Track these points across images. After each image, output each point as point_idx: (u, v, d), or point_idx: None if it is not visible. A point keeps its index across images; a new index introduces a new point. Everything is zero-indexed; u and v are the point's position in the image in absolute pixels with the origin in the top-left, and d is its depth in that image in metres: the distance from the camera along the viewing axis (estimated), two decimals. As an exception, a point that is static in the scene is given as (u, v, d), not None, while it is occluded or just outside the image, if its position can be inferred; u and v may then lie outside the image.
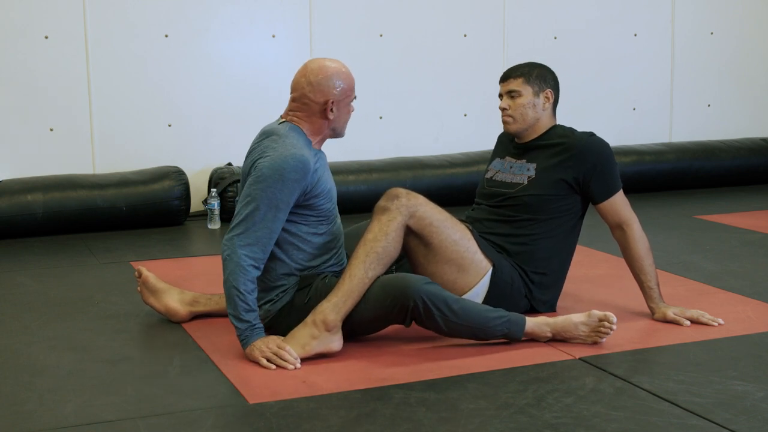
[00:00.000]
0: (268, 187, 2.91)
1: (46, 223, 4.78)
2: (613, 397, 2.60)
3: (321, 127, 3.09)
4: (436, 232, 3.09)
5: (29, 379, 2.78)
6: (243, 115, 5.39)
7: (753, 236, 4.68)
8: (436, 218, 3.09)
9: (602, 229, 4.92)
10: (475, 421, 2.44)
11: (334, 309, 2.91)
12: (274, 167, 2.92)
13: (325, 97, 3.04)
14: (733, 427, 2.39)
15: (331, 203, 3.09)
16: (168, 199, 4.95)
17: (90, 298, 3.66)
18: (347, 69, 3.12)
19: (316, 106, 3.06)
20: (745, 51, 6.61)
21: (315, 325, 2.91)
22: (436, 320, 2.93)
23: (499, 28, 5.94)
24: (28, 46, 5.01)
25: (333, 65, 3.09)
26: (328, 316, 2.90)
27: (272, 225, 2.91)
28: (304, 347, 2.90)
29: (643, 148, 6.12)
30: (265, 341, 2.89)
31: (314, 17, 5.51)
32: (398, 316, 2.96)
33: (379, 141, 5.69)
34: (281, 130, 3.05)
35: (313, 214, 3.03)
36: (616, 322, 3.00)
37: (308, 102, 3.06)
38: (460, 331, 2.98)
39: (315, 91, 3.05)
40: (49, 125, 5.10)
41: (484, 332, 3.00)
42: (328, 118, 3.07)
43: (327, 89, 3.05)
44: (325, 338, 2.92)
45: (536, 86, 3.38)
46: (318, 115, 3.07)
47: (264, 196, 2.91)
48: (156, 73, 5.25)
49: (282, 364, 2.85)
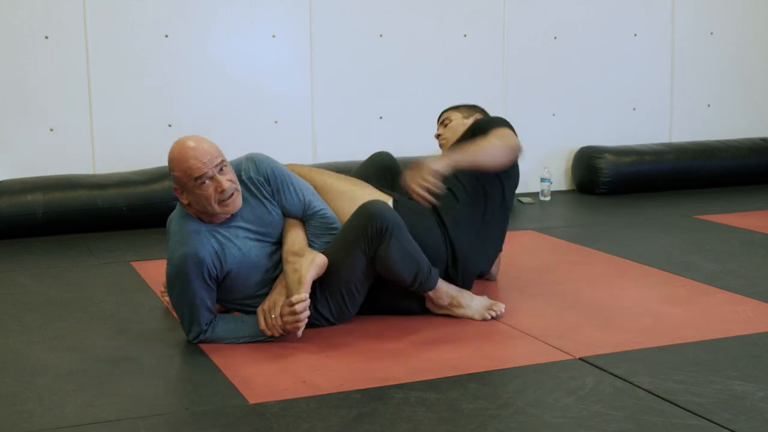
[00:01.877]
0: (177, 293, 3.01)
1: (46, 223, 4.78)
2: (613, 397, 2.60)
3: (197, 209, 3.03)
4: (317, 174, 3.41)
5: (29, 379, 2.78)
6: (243, 115, 5.39)
7: (753, 236, 4.68)
8: (315, 170, 3.44)
9: (602, 229, 4.94)
10: (475, 421, 2.44)
11: (292, 244, 3.12)
12: (172, 273, 3.01)
13: (173, 182, 3.05)
14: (733, 427, 2.39)
15: (255, 267, 3.10)
16: (168, 199, 4.94)
17: (90, 298, 3.66)
18: (182, 154, 2.97)
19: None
20: (745, 51, 6.61)
21: (288, 263, 3.06)
22: (394, 243, 3.06)
23: (499, 28, 5.94)
24: (28, 46, 5.01)
25: (170, 152, 3.01)
26: (291, 247, 3.09)
27: (200, 317, 3.03)
28: (301, 282, 3.00)
29: (643, 148, 6.12)
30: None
31: (314, 17, 5.51)
32: (371, 241, 3.06)
33: (379, 141, 5.68)
34: (173, 219, 3.10)
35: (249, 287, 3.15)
36: (503, 310, 3.32)
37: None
38: (405, 261, 3.11)
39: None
40: (49, 125, 5.10)
41: (420, 269, 3.15)
42: (183, 202, 3.05)
43: (172, 174, 3.04)
44: (306, 261, 3.04)
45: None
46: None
47: (180, 303, 3.02)
48: (156, 73, 5.25)
49: (295, 318, 2.96)
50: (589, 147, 6.05)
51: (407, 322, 3.29)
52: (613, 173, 5.91)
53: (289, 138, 5.50)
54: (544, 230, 4.87)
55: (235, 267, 3.05)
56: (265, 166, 3.15)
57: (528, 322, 3.29)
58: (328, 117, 5.61)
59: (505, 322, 3.30)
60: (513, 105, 6.00)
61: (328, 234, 3.21)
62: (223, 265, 3.03)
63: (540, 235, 4.77)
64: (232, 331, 3.05)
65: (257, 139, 5.26)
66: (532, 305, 3.49)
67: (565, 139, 6.16)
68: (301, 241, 3.13)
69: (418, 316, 3.35)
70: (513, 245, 4.31)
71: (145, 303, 3.57)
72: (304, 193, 3.21)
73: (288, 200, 3.17)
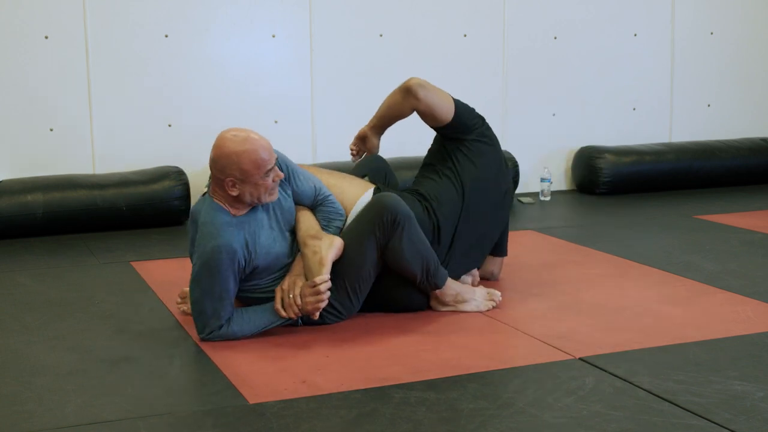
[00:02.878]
0: (204, 286, 3.01)
1: (46, 223, 4.78)
2: (613, 397, 2.60)
3: (234, 201, 3.07)
4: (307, 169, 3.46)
5: (29, 379, 2.78)
6: (243, 115, 5.39)
7: (753, 236, 4.68)
8: (305, 166, 3.49)
9: (602, 229, 4.94)
10: (475, 421, 2.44)
11: (308, 229, 3.19)
12: (203, 265, 3.01)
13: (224, 175, 3.02)
14: (733, 427, 2.39)
15: (276, 258, 3.13)
16: (168, 199, 4.95)
17: (90, 298, 3.66)
18: (252, 146, 3.01)
19: (219, 181, 3.05)
20: (745, 51, 6.61)
21: (307, 246, 3.12)
22: (404, 236, 3.14)
23: (499, 27, 5.94)
24: (28, 46, 5.01)
25: (231, 144, 3.02)
26: (308, 231, 3.16)
27: (222, 311, 3.04)
28: (322, 263, 3.05)
29: (643, 148, 6.12)
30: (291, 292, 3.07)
31: (314, 17, 5.52)
32: (383, 232, 3.12)
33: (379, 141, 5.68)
34: (203, 211, 3.09)
35: (267, 277, 3.17)
36: (500, 297, 3.42)
37: (214, 175, 3.07)
38: (414, 255, 3.18)
39: (215, 167, 3.05)
40: (49, 125, 5.10)
41: (428, 263, 3.23)
42: (231, 194, 3.05)
43: (225, 168, 3.02)
44: (325, 243, 3.10)
45: None
46: (223, 190, 3.06)
47: (205, 295, 3.02)
48: (156, 73, 5.25)
49: (317, 299, 3.03)
50: (589, 147, 6.05)
51: (407, 322, 3.29)
52: (613, 173, 5.91)
53: (289, 138, 5.50)
54: (544, 230, 4.87)
55: (263, 257, 3.09)
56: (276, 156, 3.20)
57: (528, 322, 3.29)
58: (328, 117, 5.61)
59: (505, 322, 3.30)
60: (513, 105, 6.01)
61: (338, 219, 3.29)
62: (253, 257, 3.06)
63: (540, 235, 4.77)
64: (249, 322, 3.07)
65: (257, 139, 5.26)
66: (532, 305, 3.49)
67: (565, 139, 6.16)
68: (316, 226, 3.21)
69: (418, 315, 3.36)
70: (513, 245, 4.30)
71: (145, 303, 3.57)
72: (312, 180, 3.29)
73: (300, 186, 3.25)
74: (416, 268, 3.23)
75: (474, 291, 3.43)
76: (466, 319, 3.33)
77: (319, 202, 3.30)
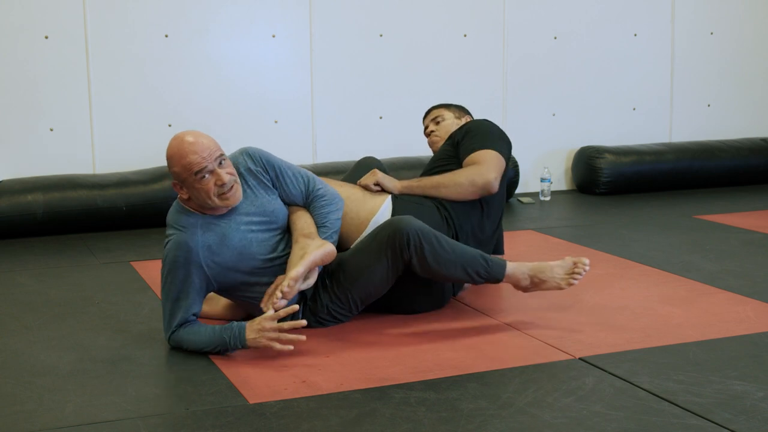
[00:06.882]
0: (165, 287, 3.01)
1: (46, 223, 4.78)
2: (613, 397, 2.60)
3: (197, 203, 3.03)
4: None
5: (29, 379, 2.78)
6: (243, 115, 5.39)
7: (753, 236, 4.68)
8: None
9: (602, 229, 4.94)
10: (475, 421, 2.44)
11: (302, 228, 3.15)
12: (163, 266, 3.01)
13: (172, 178, 3.04)
14: (733, 427, 2.39)
15: (252, 258, 3.08)
16: (168, 199, 4.94)
17: (90, 298, 3.66)
18: (181, 149, 2.94)
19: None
20: (745, 51, 6.61)
21: (298, 243, 3.09)
22: (426, 255, 3.06)
23: (500, 28, 5.94)
24: (28, 46, 5.01)
25: (168, 148, 2.99)
26: (302, 231, 3.12)
27: (178, 313, 2.99)
28: (303, 258, 3.02)
29: (643, 148, 6.13)
30: (252, 326, 2.92)
31: (314, 17, 5.52)
32: (394, 255, 3.08)
33: (379, 141, 5.69)
34: (169, 216, 3.09)
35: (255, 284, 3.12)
36: (589, 263, 3.22)
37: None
38: (448, 266, 3.10)
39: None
40: (49, 125, 5.10)
41: (470, 267, 3.12)
42: (182, 197, 3.05)
43: (170, 172, 3.03)
44: (314, 244, 3.06)
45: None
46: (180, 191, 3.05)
47: (165, 296, 3.01)
48: (156, 73, 5.25)
49: (287, 338, 2.90)
50: (589, 147, 6.05)
51: (407, 322, 3.29)
52: (613, 173, 5.91)
53: (289, 138, 5.50)
54: (544, 230, 4.87)
55: (234, 258, 3.04)
56: (259, 157, 3.20)
57: (528, 322, 3.29)
58: (328, 117, 5.61)
59: (505, 321, 3.30)
60: (513, 105, 6.01)
61: (335, 210, 3.24)
62: (218, 258, 3.01)
63: (540, 235, 4.77)
64: (195, 334, 2.97)
65: (257, 139, 5.24)
66: (532, 305, 3.49)
67: (565, 139, 6.17)
68: (312, 228, 3.17)
69: (419, 315, 3.36)
70: (513, 245, 4.31)
71: (145, 303, 3.57)
72: (302, 174, 3.25)
73: (289, 185, 3.21)
74: (459, 275, 3.15)
75: (552, 268, 3.23)
76: (466, 319, 3.33)
77: (311, 199, 3.24)
